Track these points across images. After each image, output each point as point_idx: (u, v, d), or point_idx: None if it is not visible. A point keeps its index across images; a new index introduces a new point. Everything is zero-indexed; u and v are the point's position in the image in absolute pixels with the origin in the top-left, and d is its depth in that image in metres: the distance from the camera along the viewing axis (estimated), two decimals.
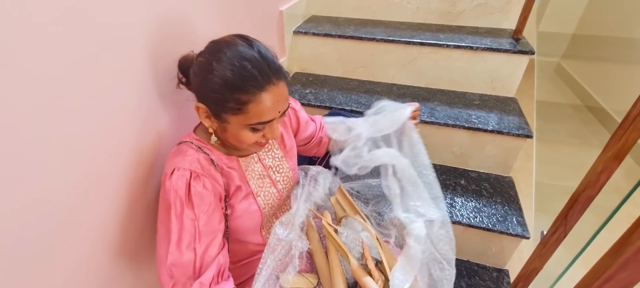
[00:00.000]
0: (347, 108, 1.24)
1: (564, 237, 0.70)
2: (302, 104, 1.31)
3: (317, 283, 0.79)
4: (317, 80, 1.47)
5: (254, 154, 0.75)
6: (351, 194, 0.92)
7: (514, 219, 1.05)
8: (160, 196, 0.64)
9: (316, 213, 0.90)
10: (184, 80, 0.68)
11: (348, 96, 1.33)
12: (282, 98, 0.61)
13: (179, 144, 0.68)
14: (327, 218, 0.86)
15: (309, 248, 0.84)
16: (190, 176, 0.61)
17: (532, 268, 0.83)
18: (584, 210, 0.64)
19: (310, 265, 0.84)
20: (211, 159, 0.66)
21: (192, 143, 0.66)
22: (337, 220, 0.87)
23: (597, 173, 0.58)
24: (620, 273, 0.47)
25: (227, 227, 0.70)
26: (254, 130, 0.61)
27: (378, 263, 0.78)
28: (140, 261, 0.76)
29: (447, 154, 1.25)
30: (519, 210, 1.09)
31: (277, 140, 0.81)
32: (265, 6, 1.19)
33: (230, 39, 0.60)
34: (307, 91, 1.37)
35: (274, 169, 0.78)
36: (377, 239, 0.81)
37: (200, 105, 0.61)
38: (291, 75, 1.53)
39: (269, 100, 0.58)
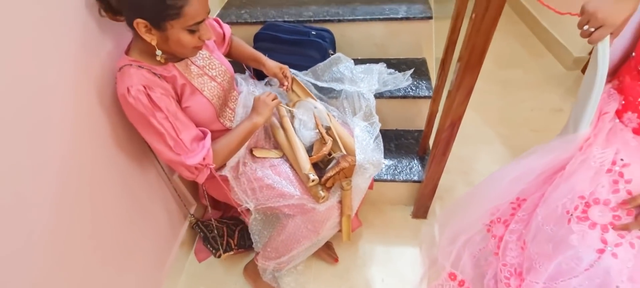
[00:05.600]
0: (279, 20, 1.38)
1: (445, 81, 1.00)
2: (239, 24, 1.42)
3: (282, 155, 1.04)
4: (250, 1, 1.56)
5: (187, 60, 0.83)
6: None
7: (424, 86, 1.36)
8: (128, 115, 0.75)
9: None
10: (103, 6, 0.72)
11: (279, 10, 1.46)
12: None
13: (119, 69, 0.74)
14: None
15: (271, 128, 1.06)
16: (145, 89, 0.72)
17: (431, 111, 1.15)
18: (453, 52, 0.92)
19: (274, 144, 1.07)
20: (153, 72, 0.75)
21: (131, 65, 0.73)
22: (292, 105, 1.09)
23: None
24: (465, 78, 0.76)
25: None
26: (191, 32, 0.71)
27: (328, 130, 1.03)
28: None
29: (370, 47, 1.48)
30: (428, 80, 1.40)
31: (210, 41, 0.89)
32: None
33: None
34: (242, 11, 1.47)
35: (208, 68, 0.88)
36: (328, 114, 1.05)
37: (139, 20, 0.67)
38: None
39: (198, 1, 0.68)
